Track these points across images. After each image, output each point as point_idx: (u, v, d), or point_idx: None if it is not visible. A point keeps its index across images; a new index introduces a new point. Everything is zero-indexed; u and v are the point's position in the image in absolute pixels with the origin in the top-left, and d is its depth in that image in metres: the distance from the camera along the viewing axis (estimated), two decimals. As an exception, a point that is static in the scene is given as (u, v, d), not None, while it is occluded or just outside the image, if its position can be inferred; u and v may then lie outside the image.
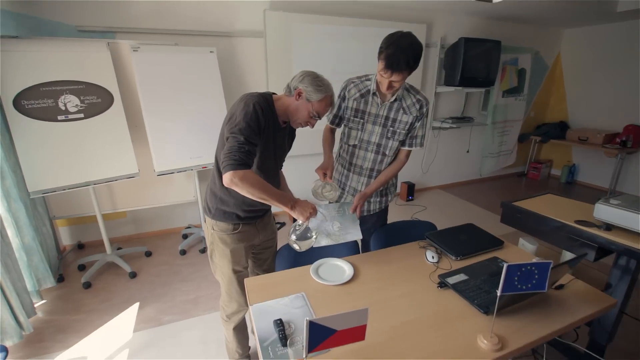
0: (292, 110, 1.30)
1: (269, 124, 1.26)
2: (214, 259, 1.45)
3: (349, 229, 1.44)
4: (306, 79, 1.26)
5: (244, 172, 1.11)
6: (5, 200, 2.07)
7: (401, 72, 1.29)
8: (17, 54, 2.11)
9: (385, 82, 1.36)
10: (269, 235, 1.56)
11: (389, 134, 1.53)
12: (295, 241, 1.28)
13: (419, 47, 1.30)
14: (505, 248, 1.54)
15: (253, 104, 1.19)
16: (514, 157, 4.94)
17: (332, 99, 1.31)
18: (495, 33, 4.06)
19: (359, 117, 1.55)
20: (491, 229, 1.67)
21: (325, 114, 1.34)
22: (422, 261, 1.45)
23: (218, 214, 1.37)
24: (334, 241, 1.39)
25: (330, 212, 1.46)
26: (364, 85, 1.52)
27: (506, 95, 4.40)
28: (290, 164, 3.37)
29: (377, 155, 1.58)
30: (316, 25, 3.13)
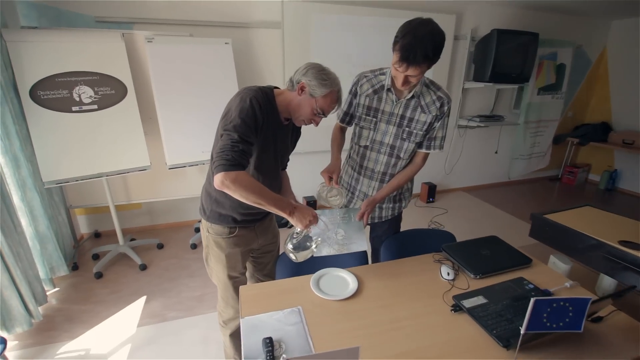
0: (295, 106, 1.18)
1: (268, 121, 1.15)
2: (209, 262, 1.37)
3: (354, 238, 1.31)
4: (310, 71, 1.14)
5: (236, 173, 1.01)
6: (21, 190, 2.11)
7: (418, 65, 1.12)
8: (35, 44, 2.12)
9: (401, 77, 1.19)
10: (270, 240, 1.47)
11: (405, 135, 1.37)
12: (291, 250, 1.17)
13: (440, 37, 1.12)
14: (534, 267, 1.36)
15: (250, 98, 1.08)
16: (548, 159, 4.58)
17: (338, 94, 1.18)
18: (532, 24, 3.73)
19: (371, 116, 1.40)
20: (518, 238, 1.50)
21: (331, 111, 1.21)
22: (436, 277, 1.30)
23: (213, 216, 1.28)
24: (337, 251, 1.27)
25: (335, 218, 1.33)
26: (378, 80, 1.37)
27: (542, 92, 4.06)
28: (300, 161, 3.30)
29: (391, 158, 1.43)
30: (336, 15, 2.97)
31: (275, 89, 1.22)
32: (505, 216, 3.63)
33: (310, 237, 1.20)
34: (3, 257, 1.78)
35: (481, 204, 3.98)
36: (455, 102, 3.86)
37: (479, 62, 3.55)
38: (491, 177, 4.53)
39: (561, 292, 1.19)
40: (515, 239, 3.11)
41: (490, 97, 4.03)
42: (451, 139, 4.04)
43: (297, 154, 2.73)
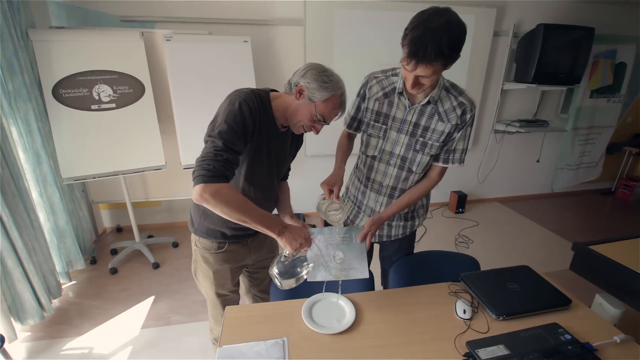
0: (292, 111, 1.06)
1: (260, 128, 1.03)
2: (198, 277, 1.28)
3: (354, 263, 1.14)
4: (309, 73, 1.01)
5: (218, 186, 0.89)
6: (41, 185, 2.17)
7: (430, 63, 0.91)
8: (59, 43, 2.16)
9: (411, 78, 0.99)
10: (265, 255, 1.35)
11: (418, 146, 1.18)
12: (276, 275, 1.04)
13: (458, 29, 0.91)
14: (573, 309, 1.12)
15: (239, 102, 0.97)
16: (599, 171, 4.07)
17: (341, 99, 1.04)
18: (586, 18, 3.29)
19: (380, 122, 1.22)
20: (558, 262, 1.26)
21: (334, 118, 1.07)
22: (450, 314, 1.11)
23: (201, 230, 1.18)
24: (334, 277, 1.11)
25: (334, 238, 1.17)
26: (390, 82, 1.19)
27: (596, 95, 3.60)
28: (311, 164, 3.18)
29: (402, 172, 1.25)
30: (361, 10, 2.80)
31: (272, 92, 1.10)
32: (546, 233, 3.25)
33: (301, 261, 1.06)
34: (17, 252, 1.82)
35: (518, 217, 3.61)
36: (493, 104, 3.52)
37: (522, 60, 3.20)
38: (531, 188, 4.11)
39: (608, 348, 0.96)
40: (554, 263, 2.76)
41: (533, 99, 3.64)
42: (486, 145, 3.71)
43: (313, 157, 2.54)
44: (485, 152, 3.74)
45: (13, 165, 1.86)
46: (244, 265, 1.32)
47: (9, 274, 1.82)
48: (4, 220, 1.75)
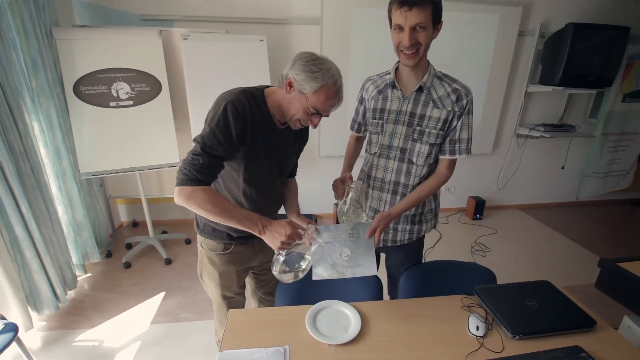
0: (286, 106, 1.02)
1: (253, 127, 1.00)
2: (203, 279, 1.27)
3: (361, 259, 1.09)
4: (297, 63, 0.95)
5: (192, 189, 0.90)
6: (60, 179, 2.23)
7: (424, 6, 0.97)
8: (81, 41, 2.22)
9: (407, 34, 1.00)
10: (270, 257, 1.32)
11: (416, 135, 1.17)
12: (274, 271, 1.01)
13: None
14: (598, 331, 1.04)
15: (225, 104, 0.94)
16: (630, 179, 3.84)
17: (333, 88, 0.96)
18: (620, 17, 3.10)
19: (377, 118, 1.23)
20: (582, 277, 1.17)
21: (330, 109, 1.01)
22: (462, 330, 1.05)
23: (206, 230, 1.17)
24: (339, 274, 1.07)
25: (340, 234, 1.13)
26: (383, 80, 1.24)
27: (629, 99, 3.39)
28: (325, 165, 3.13)
29: (402, 164, 1.22)
30: (379, 9, 2.73)
31: (267, 89, 1.07)
32: (569, 245, 3.09)
33: (300, 255, 1.02)
34: (35, 243, 1.88)
35: (539, 226, 3.45)
36: (516, 107, 3.38)
37: (548, 62, 3.05)
38: (554, 195, 3.92)
39: (637, 377, 0.88)
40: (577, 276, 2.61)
41: (559, 103, 3.47)
42: (508, 149, 3.56)
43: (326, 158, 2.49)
44: (507, 157, 3.59)
45: (34, 160, 1.91)
46: (250, 267, 1.30)
47: (27, 265, 1.88)
48: (24, 212, 1.80)
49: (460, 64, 2.98)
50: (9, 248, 1.79)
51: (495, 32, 2.95)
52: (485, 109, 3.25)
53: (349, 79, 2.91)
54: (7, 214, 1.74)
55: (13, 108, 1.77)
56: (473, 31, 2.91)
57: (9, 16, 1.83)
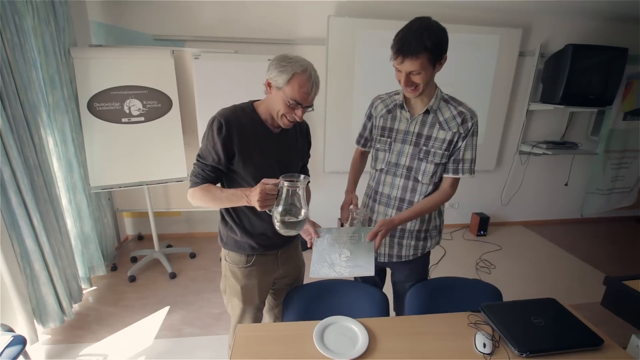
0: (271, 106, 1.10)
1: (242, 135, 1.09)
2: (226, 294, 1.29)
3: (360, 260, 1.11)
4: (271, 65, 1.05)
5: (192, 190, 1.12)
6: (71, 192, 2.28)
7: (416, 56, 1.03)
8: (97, 60, 2.31)
9: (402, 77, 1.09)
10: (292, 271, 1.35)
11: (422, 155, 1.22)
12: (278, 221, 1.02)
13: (437, 28, 1.06)
14: (605, 350, 1.04)
15: (211, 120, 1.09)
16: (634, 197, 3.84)
17: (304, 75, 1.02)
18: (618, 38, 3.18)
19: (385, 136, 1.29)
20: (588, 294, 1.18)
21: (308, 97, 1.04)
22: (469, 347, 1.05)
23: (229, 243, 1.21)
24: (337, 274, 1.09)
25: (342, 237, 1.16)
26: (392, 100, 1.30)
27: (630, 117, 3.43)
28: (329, 181, 3.16)
29: (408, 182, 1.26)
30: (384, 31, 2.80)
31: (257, 101, 1.17)
32: (574, 262, 3.07)
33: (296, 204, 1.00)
34: (44, 256, 1.91)
35: (544, 243, 3.43)
36: (518, 125, 3.43)
37: (549, 81, 3.12)
38: (558, 212, 3.92)
39: (646, 397, 0.87)
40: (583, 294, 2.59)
41: (561, 121, 3.52)
42: (511, 166, 3.59)
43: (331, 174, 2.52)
44: (510, 174, 3.62)
45: (47, 173, 1.96)
46: (271, 282, 1.32)
47: (36, 277, 1.90)
48: (35, 225, 1.84)
49: (463, 82, 3.05)
50: (19, 260, 1.81)
51: (496, 52, 3.03)
52: (488, 126, 3.30)
53: (353, 96, 2.98)
54: (19, 226, 1.78)
55: (30, 123, 1.83)
56: (475, 51, 2.99)
57: (31, 38, 1.92)
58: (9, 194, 1.71)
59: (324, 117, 2.99)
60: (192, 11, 2.70)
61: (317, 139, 3.09)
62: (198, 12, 2.71)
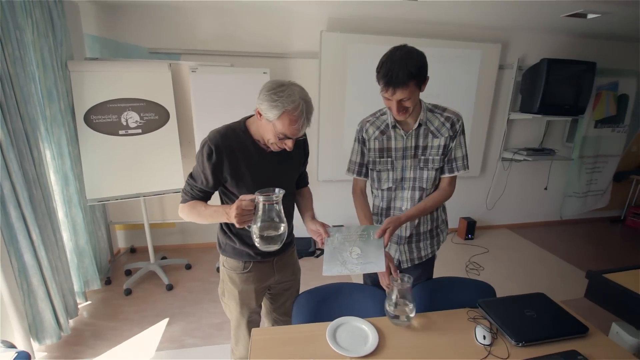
0: (261, 132, 1.11)
1: (233, 159, 1.11)
2: (223, 298, 1.33)
3: (370, 257, 1.17)
4: (262, 93, 1.03)
5: (180, 206, 1.19)
6: (67, 206, 2.26)
7: (405, 85, 1.10)
8: (93, 73, 2.33)
9: (394, 105, 1.16)
10: (288, 277, 1.40)
11: (422, 164, 1.32)
12: (256, 238, 1.04)
13: (417, 55, 1.14)
14: (590, 337, 1.15)
15: (202, 144, 1.12)
16: (607, 199, 4.10)
17: (295, 113, 1.00)
18: (588, 53, 3.46)
19: (384, 156, 1.34)
20: (571, 291, 1.29)
21: (298, 133, 1.05)
22: (470, 339, 1.14)
23: (228, 250, 1.26)
24: (349, 271, 1.16)
25: (351, 235, 1.22)
26: (382, 121, 1.34)
27: (600, 125, 3.70)
28: (323, 189, 3.24)
29: (415, 192, 1.35)
30: (374, 45, 2.97)
31: (249, 119, 1.17)
32: (556, 261, 3.24)
33: (275, 219, 1.02)
34: (42, 270, 1.89)
35: (528, 244, 3.61)
36: (499, 133, 3.63)
37: (527, 92, 3.34)
38: (539, 215, 4.13)
39: (629, 376, 0.98)
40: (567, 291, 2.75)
41: (539, 129, 3.75)
42: (494, 172, 3.78)
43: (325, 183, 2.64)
44: (494, 179, 3.80)
45: (45, 187, 1.96)
46: (267, 287, 1.36)
47: (33, 293, 1.87)
48: (34, 239, 1.83)
49: (448, 93, 3.22)
50: (17, 276, 1.79)
51: (478, 65, 3.23)
52: (472, 134, 3.48)
53: (345, 107, 3.09)
54: (17, 241, 1.77)
55: (30, 137, 1.84)
56: (458, 65, 3.18)
57: (31, 52, 1.93)
58: (8, 209, 1.70)
59: (317, 128, 3.08)
60: (188, 25, 2.76)
61: (311, 149, 3.16)
62: (193, 26, 2.77)
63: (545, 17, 2.76)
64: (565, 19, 2.73)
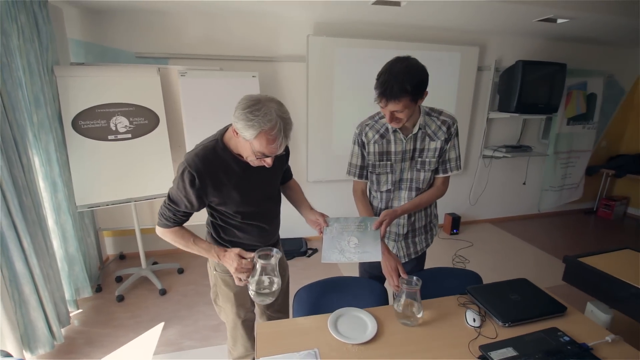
0: (239, 149, 1.09)
1: (216, 179, 1.10)
2: (217, 302, 1.37)
3: (367, 247, 1.25)
4: (237, 112, 0.99)
5: (162, 230, 1.18)
6: (56, 213, 2.23)
7: (397, 99, 1.14)
8: (80, 79, 2.31)
9: (387, 114, 1.21)
10: (280, 272, 1.45)
11: (419, 166, 1.39)
12: (252, 290, 1.12)
13: (417, 70, 1.15)
14: (569, 315, 1.26)
15: (183, 169, 1.08)
16: (581, 192, 4.35)
17: (272, 133, 0.98)
18: (559, 55, 3.68)
19: (384, 160, 1.40)
20: (550, 278, 1.40)
21: (276, 152, 1.04)
22: (461, 323, 1.22)
23: None
24: (347, 259, 1.23)
25: (349, 226, 1.30)
26: (381, 124, 1.38)
27: (572, 122, 3.93)
28: (313, 190, 3.30)
29: (412, 192, 1.43)
30: (359, 49, 3.07)
31: (226, 135, 1.14)
32: (536, 252, 3.42)
33: (270, 276, 1.12)
34: (34, 279, 1.86)
35: (509, 237, 3.79)
36: (480, 132, 3.80)
37: (504, 92, 3.51)
38: (519, 209, 4.33)
39: (601, 347, 1.08)
40: (546, 278, 2.92)
41: (516, 127, 3.94)
42: (476, 169, 3.95)
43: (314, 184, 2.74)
44: (475, 176, 3.97)
45: (35, 194, 1.93)
46: None
47: (25, 302, 1.84)
48: (25, 247, 1.80)
49: (431, 95, 3.30)
50: (8, 285, 1.76)
51: (458, 67, 3.38)
52: (454, 133, 3.63)
53: (333, 109, 3.17)
54: (8, 249, 1.74)
55: (19, 143, 1.81)
56: (440, 67, 3.31)
57: (17, 57, 1.91)
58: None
59: (306, 130, 3.14)
60: (175, 30, 2.77)
61: (300, 151, 3.25)
62: (181, 31, 2.78)
63: (519, 21, 2.93)
64: (537, 23, 2.91)
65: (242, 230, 1.24)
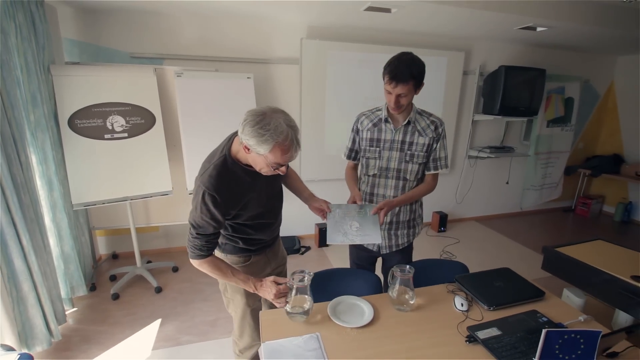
0: (252, 162, 1.13)
1: (234, 196, 1.16)
2: (227, 294, 1.43)
3: (368, 230, 1.39)
4: (246, 129, 1.01)
5: (198, 262, 1.20)
6: (52, 211, 2.24)
7: (406, 82, 1.33)
8: (77, 78, 2.32)
9: (393, 99, 1.38)
10: (280, 262, 1.53)
11: (407, 158, 1.52)
12: (289, 311, 1.23)
13: (420, 62, 1.38)
14: (547, 300, 1.38)
15: (202, 194, 1.09)
16: (560, 190, 4.57)
17: (286, 143, 1.02)
18: (539, 61, 3.88)
19: (374, 146, 1.56)
20: (531, 271, 1.52)
21: (290, 160, 1.10)
22: (450, 308, 1.33)
23: (228, 248, 1.35)
24: (350, 241, 1.37)
25: (350, 212, 1.44)
26: (376, 115, 1.57)
27: (551, 125, 4.14)
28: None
29: (399, 181, 1.56)
30: (351, 52, 3.17)
31: (232, 149, 1.16)
32: (518, 247, 3.60)
33: (304, 296, 1.22)
34: (33, 276, 1.87)
35: (493, 234, 3.95)
36: (465, 133, 3.96)
37: (488, 96, 3.68)
38: (503, 207, 4.52)
39: (575, 326, 1.20)
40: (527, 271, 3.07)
41: (499, 129, 4.12)
42: (462, 169, 4.11)
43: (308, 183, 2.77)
44: (462, 176, 4.13)
45: (33, 192, 1.94)
46: (265, 275, 1.48)
47: (23, 299, 1.85)
48: (24, 244, 1.82)
49: (420, 96, 3.47)
50: (6, 282, 1.77)
51: (445, 71, 3.52)
52: (442, 134, 3.78)
53: (325, 110, 3.26)
54: (7, 246, 1.75)
55: (17, 142, 1.83)
56: (428, 71, 3.32)
57: (15, 56, 1.92)
58: (-2, 214, 1.69)
59: (300, 130, 3.21)
60: (170, 31, 2.81)
61: (293, 150, 3.32)
62: (176, 32, 2.82)
63: (501, 28, 3.09)
64: (518, 31, 3.08)
65: (251, 228, 1.31)
